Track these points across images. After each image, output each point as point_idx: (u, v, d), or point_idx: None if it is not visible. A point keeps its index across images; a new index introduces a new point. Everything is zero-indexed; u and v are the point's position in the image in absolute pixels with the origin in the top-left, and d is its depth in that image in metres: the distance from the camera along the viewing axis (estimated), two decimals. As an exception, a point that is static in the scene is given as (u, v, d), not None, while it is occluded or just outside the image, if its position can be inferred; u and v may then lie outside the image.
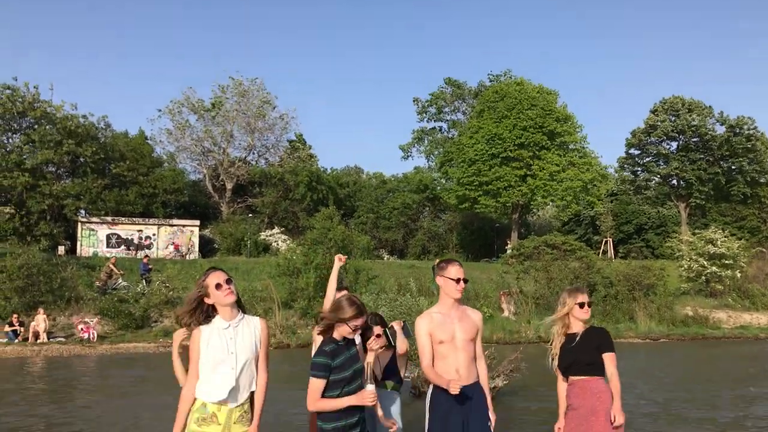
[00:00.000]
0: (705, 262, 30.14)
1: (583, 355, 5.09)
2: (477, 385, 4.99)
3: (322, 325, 4.50)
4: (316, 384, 4.25)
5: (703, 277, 30.40)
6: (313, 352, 5.04)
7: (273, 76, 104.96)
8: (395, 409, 5.60)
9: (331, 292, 5.81)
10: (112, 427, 8.25)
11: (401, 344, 5.65)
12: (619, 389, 4.98)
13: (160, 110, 47.93)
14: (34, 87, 32.00)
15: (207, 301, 4.29)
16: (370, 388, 4.25)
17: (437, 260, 5.18)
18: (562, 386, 5.30)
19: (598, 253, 42.25)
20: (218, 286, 4.24)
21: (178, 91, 57.35)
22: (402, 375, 5.84)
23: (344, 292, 5.60)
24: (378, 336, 5.44)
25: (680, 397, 11.52)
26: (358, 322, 4.44)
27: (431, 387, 4.99)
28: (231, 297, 4.29)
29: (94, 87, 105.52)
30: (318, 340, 5.05)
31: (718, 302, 29.34)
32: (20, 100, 31.26)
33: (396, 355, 5.74)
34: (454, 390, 4.54)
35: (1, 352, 18.71)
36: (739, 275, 30.40)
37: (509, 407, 9.72)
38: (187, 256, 35.06)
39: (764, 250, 35.04)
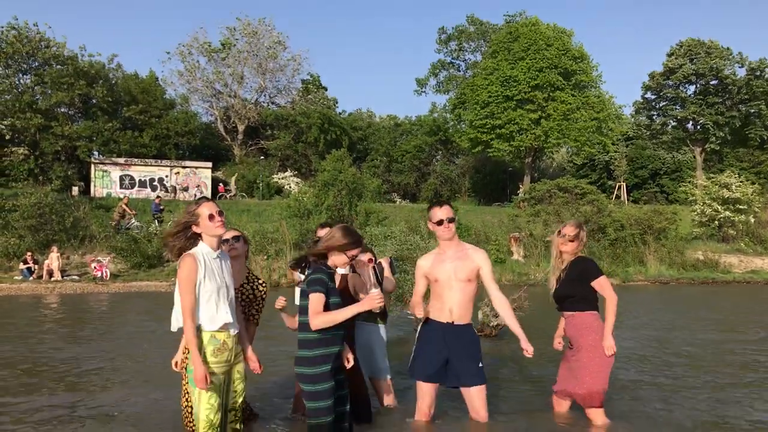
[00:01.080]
0: (719, 207, 29.94)
1: (564, 289, 5.18)
2: (469, 327, 5.03)
3: (317, 250, 4.48)
4: (318, 298, 4.25)
5: (716, 222, 30.25)
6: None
7: (283, 20, 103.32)
8: (381, 340, 5.67)
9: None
10: (122, 358, 8.44)
11: (388, 284, 5.60)
12: (614, 313, 5.08)
13: (169, 52, 47.78)
14: (34, 24, 31.77)
15: (195, 229, 4.28)
16: (375, 291, 4.27)
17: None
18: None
19: (612, 197, 42.04)
20: (211, 216, 4.26)
21: (185, 35, 56.49)
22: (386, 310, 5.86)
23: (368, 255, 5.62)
24: (370, 260, 5.47)
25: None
26: (356, 251, 4.45)
27: (421, 322, 5.07)
28: (221, 229, 4.33)
29: (100, 30, 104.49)
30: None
31: (729, 247, 29.26)
32: (26, 40, 31.04)
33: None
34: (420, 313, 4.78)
35: (16, 288, 19.08)
36: (752, 220, 30.21)
37: (511, 344, 9.81)
38: (237, 196, 35.99)
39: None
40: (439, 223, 4.93)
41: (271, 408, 5.64)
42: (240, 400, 4.47)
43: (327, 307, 4.26)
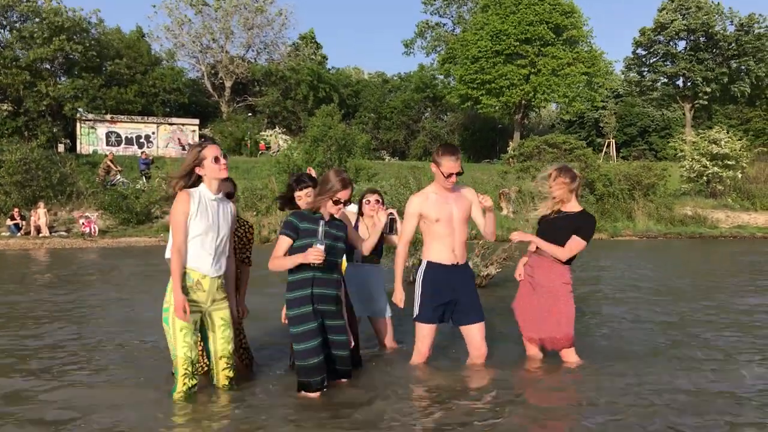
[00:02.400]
0: (707, 163, 30.00)
1: (558, 235, 5.19)
2: (468, 266, 5.13)
3: (312, 202, 4.54)
4: (282, 240, 4.39)
5: (704, 178, 30.34)
6: None
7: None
8: (380, 280, 5.71)
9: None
10: (116, 310, 8.43)
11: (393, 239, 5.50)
12: (552, 251, 5.17)
13: (154, 6, 46.80)
14: None
15: (198, 171, 4.30)
16: (319, 247, 4.27)
17: (438, 147, 5.11)
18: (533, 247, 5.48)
19: (601, 155, 42.07)
20: (216, 159, 4.27)
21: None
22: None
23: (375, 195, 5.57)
24: (378, 202, 5.44)
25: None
26: (342, 194, 4.45)
27: (423, 264, 5.06)
28: (224, 172, 4.35)
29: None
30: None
31: (717, 202, 29.44)
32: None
33: (384, 238, 5.72)
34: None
35: (4, 244, 19.00)
36: (740, 176, 30.34)
37: (499, 292, 9.89)
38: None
39: (766, 149, 34.83)
40: (449, 176, 4.91)
41: (269, 359, 5.62)
42: (230, 347, 4.49)
43: (295, 250, 4.38)
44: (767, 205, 29.45)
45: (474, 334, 5.09)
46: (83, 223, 20.74)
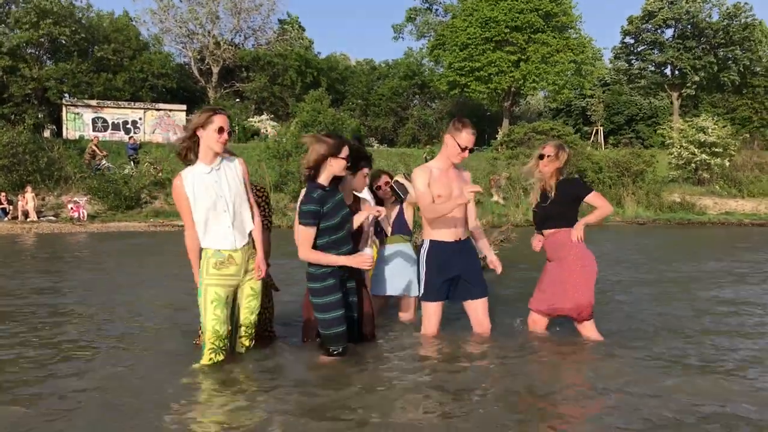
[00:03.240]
0: (695, 150, 30.17)
1: (552, 210, 5.13)
2: (470, 240, 5.11)
3: (311, 163, 4.40)
4: (308, 232, 4.30)
5: (692, 165, 30.52)
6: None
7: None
8: (410, 260, 5.67)
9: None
10: (112, 294, 8.34)
11: (412, 194, 5.58)
12: (600, 216, 5.08)
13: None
14: None
15: (198, 132, 4.18)
16: (369, 252, 4.27)
17: (455, 119, 5.06)
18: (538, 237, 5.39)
19: (589, 142, 42.17)
20: (220, 129, 4.16)
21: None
22: (410, 227, 5.83)
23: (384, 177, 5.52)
24: (386, 183, 5.41)
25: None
26: (347, 151, 4.38)
27: (426, 243, 5.02)
28: (220, 147, 4.22)
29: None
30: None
31: (705, 189, 29.68)
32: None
33: (403, 209, 5.72)
34: (469, 196, 4.64)
35: (-9, 229, 18.78)
36: (727, 163, 30.56)
37: (488, 273, 9.88)
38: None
39: (750, 136, 35.12)
40: (464, 149, 4.87)
41: (285, 331, 5.56)
42: (252, 317, 4.46)
43: (323, 231, 4.34)
44: (754, 192, 29.75)
45: (477, 309, 5.09)
46: (72, 208, 20.56)
